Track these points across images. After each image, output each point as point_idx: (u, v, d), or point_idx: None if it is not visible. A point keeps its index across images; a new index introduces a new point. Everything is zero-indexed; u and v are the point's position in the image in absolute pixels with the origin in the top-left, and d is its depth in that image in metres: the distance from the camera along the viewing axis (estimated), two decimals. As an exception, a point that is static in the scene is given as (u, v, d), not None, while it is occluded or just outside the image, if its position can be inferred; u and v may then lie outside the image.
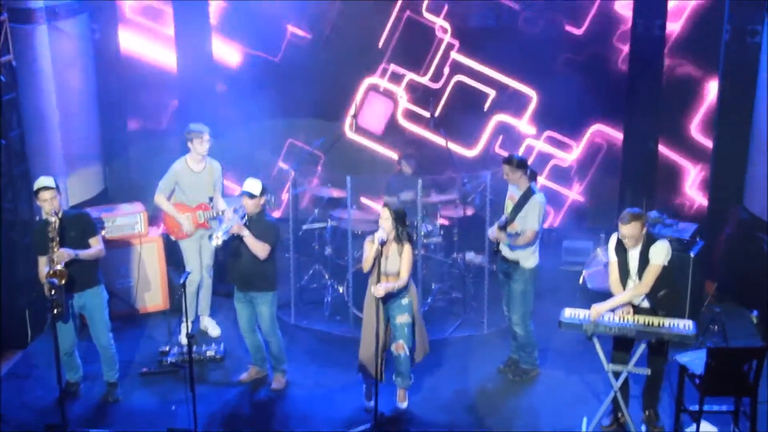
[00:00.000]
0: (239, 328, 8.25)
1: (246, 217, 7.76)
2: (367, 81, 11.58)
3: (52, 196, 7.53)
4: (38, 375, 8.41)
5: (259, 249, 7.75)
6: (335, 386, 8.30)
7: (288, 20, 11.43)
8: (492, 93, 11.40)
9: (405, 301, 7.54)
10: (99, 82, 10.64)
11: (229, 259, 8.01)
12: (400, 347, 7.57)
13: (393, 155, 11.34)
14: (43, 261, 7.61)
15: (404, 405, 7.88)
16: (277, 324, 8.15)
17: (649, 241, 7.10)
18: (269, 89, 11.13)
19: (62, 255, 7.46)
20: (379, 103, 11.71)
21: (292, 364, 8.46)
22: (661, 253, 7.05)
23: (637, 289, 7.11)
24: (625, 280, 7.24)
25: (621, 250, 7.22)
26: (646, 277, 7.06)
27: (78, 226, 7.71)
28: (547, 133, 11.44)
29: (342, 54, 11.38)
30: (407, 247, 7.45)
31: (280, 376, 8.29)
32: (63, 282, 7.42)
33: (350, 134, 11.40)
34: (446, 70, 11.45)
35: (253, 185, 7.76)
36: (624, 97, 10.50)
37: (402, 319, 7.54)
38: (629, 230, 7.00)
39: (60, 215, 7.56)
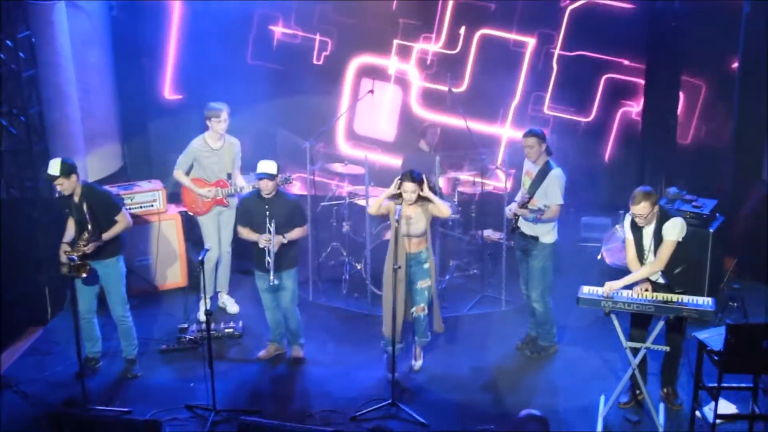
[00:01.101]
0: (262, 304, 8.27)
1: (268, 208, 7.81)
2: (357, 60, 10.85)
3: (59, 182, 7.57)
4: (58, 351, 8.48)
5: (301, 234, 8.01)
6: (353, 363, 8.33)
7: (272, 21, 11.07)
8: (531, 41, 10.47)
9: (426, 266, 7.83)
10: (116, 59, 10.65)
11: (257, 250, 7.96)
12: (421, 309, 7.92)
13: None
14: (71, 224, 7.75)
15: (418, 364, 8.13)
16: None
17: (663, 218, 7.05)
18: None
19: (89, 248, 7.60)
20: (386, 99, 10.88)
21: (310, 342, 8.50)
22: (674, 229, 7.00)
23: (653, 266, 7.07)
24: (642, 257, 7.20)
25: (636, 228, 7.17)
26: (661, 254, 7.02)
27: (99, 208, 7.75)
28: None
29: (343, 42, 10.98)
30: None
31: (298, 348, 8.36)
32: (82, 275, 7.52)
33: (348, 149, 10.69)
34: (462, 29, 10.31)
35: (269, 166, 7.77)
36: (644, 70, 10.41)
37: (423, 284, 7.84)
38: (639, 210, 6.95)
39: (78, 199, 7.66)
